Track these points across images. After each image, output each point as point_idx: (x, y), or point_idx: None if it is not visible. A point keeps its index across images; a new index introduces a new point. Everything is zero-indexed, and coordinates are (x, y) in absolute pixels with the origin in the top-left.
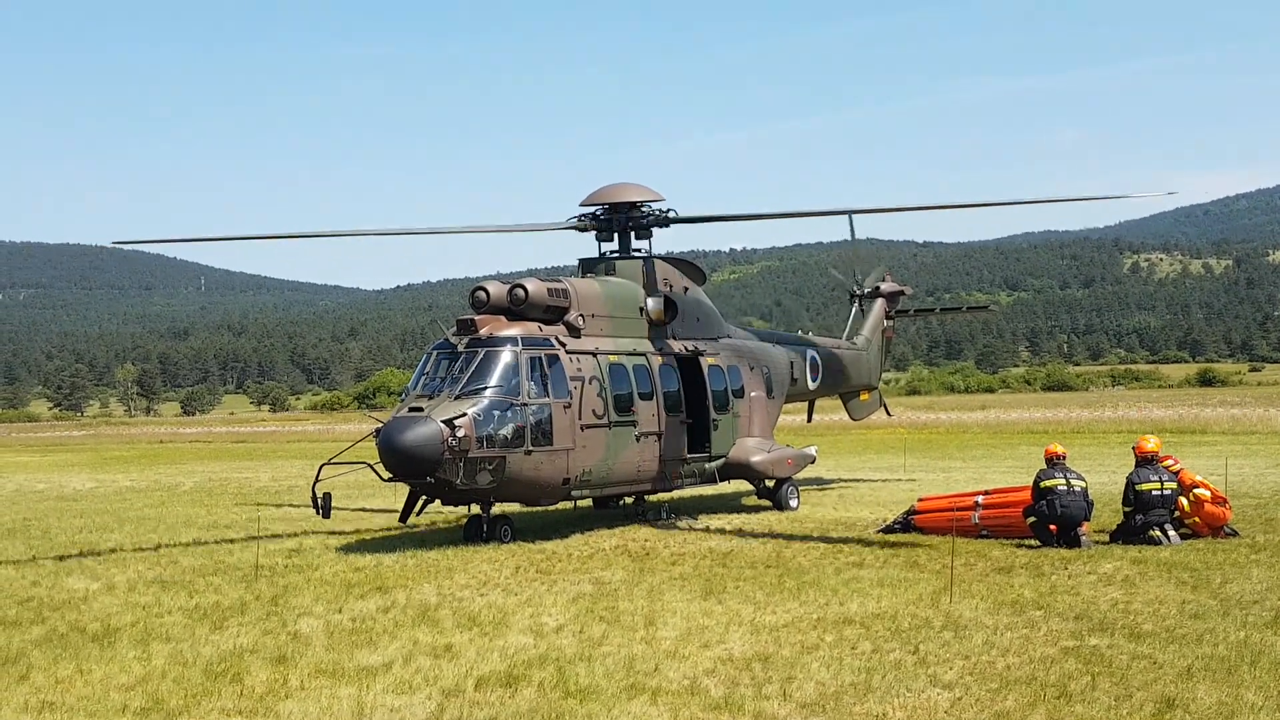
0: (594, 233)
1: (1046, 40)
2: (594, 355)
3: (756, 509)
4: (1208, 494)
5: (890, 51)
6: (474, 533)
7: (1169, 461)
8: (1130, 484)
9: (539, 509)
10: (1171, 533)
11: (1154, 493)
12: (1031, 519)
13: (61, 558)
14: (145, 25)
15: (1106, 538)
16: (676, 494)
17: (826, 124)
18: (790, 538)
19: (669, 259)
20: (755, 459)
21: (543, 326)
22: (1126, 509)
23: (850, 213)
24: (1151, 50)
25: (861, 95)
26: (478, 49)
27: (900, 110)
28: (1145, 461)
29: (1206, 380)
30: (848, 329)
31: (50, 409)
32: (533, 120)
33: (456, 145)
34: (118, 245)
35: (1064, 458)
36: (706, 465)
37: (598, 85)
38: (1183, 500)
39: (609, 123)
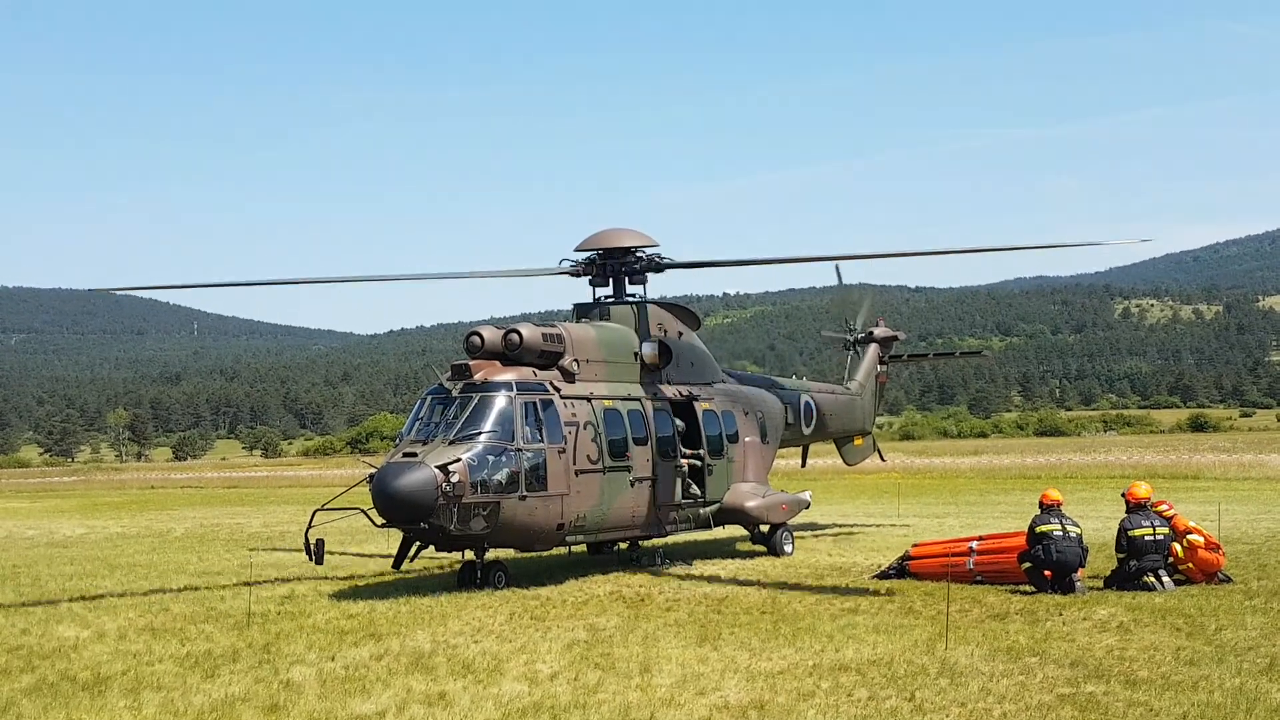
0: (588, 278)
1: (1039, 93)
2: (589, 400)
3: (751, 554)
4: (1201, 540)
5: (884, 103)
6: (468, 579)
7: (1162, 506)
8: (1123, 530)
9: (533, 554)
10: (1165, 579)
11: (1147, 538)
12: (1026, 564)
13: (52, 604)
14: (131, 70)
15: (1100, 584)
16: (671, 539)
17: (821, 173)
18: (785, 584)
19: (663, 304)
20: (750, 504)
21: (537, 371)
22: (1120, 555)
23: (837, 259)
24: (1145, 102)
25: (857, 145)
26: (472, 94)
27: (894, 159)
28: (1137, 507)
29: (1198, 425)
30: (847, 373)
31: (41, 454)
32: (528, 165)
33: (451, 190)
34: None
35: (1059, 504)
36: (701, 510)
37: (592, 133)
38: (1176, 546)
39: (604, 169)
